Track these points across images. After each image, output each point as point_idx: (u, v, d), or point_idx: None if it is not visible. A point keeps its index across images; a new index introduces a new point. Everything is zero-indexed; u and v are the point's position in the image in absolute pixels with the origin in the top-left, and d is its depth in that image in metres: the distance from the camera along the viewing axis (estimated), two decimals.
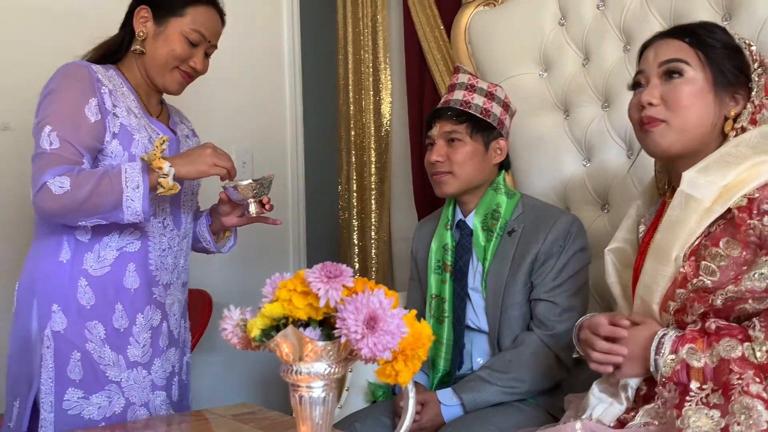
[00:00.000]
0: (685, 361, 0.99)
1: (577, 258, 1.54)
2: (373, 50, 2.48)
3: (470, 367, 1.58)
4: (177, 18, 1.44)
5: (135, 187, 1.29)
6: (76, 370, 1.36)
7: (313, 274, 0.71)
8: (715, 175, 1.07)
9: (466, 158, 1.57)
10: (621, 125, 1.77)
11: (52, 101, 1.35)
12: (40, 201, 1.29)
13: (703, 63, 1.13)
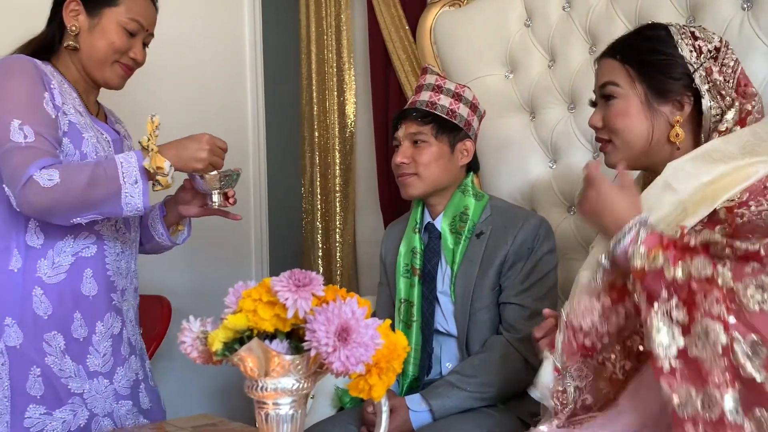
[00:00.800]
0: (662, 270, 0.94)
1: (546, 260, 1.53)
2: (336, 50, 2.44)
3: (439, 371, 1.55)
4: (111, 8, 1.36)
5: (133, 183, 1.21)
6: (36, 386, 1.27)
7: (281, 282, 0.66)
8: (699, 170, 1.05)
9: (431, 160, 1.55)
10: (587, 127, 1.72)
11: (9, 94, 1.25)
12: (28, 196, 1.18)
13: (633, 79, 1.13)
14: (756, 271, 0.90)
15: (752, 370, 0.84)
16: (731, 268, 0.92)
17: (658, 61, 1.13)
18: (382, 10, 2.22)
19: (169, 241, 1.52)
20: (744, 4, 1.52)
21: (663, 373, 0.89)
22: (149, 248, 1.56)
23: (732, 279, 0.91)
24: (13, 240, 1.29)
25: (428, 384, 1.54)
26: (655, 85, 1.12)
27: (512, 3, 1.95)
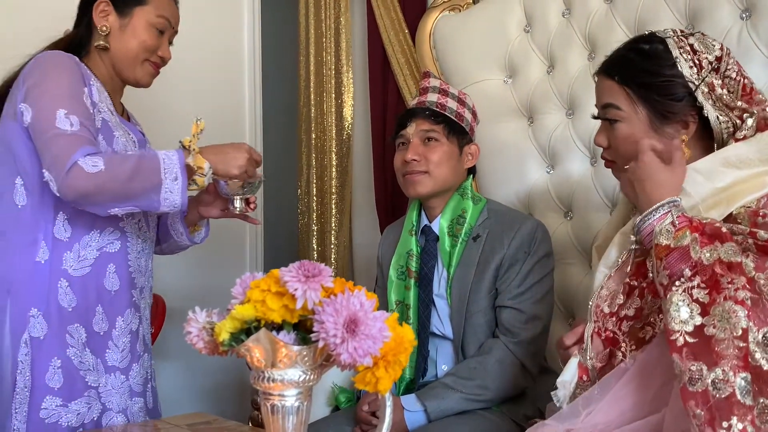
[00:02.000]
0: (688, 249, 0.95)
1: (542, 264, 1.53)
2: (335, 52, 2.44)
3: (435, 374, 1.55)
4: (140, 7, 1.39)
5: (173, 179, 1.22)
6: (55, 378, 1.28)
7: (290, 273, 0.66)
8: (713, 175, 1.05)
9: (443, 158, 1.55)
10: (585, 133, 1.77)
11: (55, 85, 1.26)
12: (72, 180, 1.18)
13: (634, 102, 1.12)
14: None
15: (761, 359, 0.85)
16: (754, 260, 0.93)
17: (659, 83, 1.10)
18: (382, 13, 2.22)
19: (188, 240, 1.54)
20: (743, 13, 1.54)
21: (676, 347, 0.90)
22: (165, 248, 1.58)
23: (753, 269, 0.92)
24: (41, 232, 1.30)
25: (424, 386, 1.53)
26: (657, 107, 1.11)
27: (512, 8, 1.96)
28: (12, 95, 1.32)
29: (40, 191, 1.29)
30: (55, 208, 1.30)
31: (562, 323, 1.78)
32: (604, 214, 1.72)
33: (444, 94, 1.60)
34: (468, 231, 1.55)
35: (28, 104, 1.25)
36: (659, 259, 0.98)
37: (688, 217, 1.01)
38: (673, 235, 0.98)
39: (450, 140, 1.56)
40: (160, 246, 1.57)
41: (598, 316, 1.06)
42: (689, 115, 1.10)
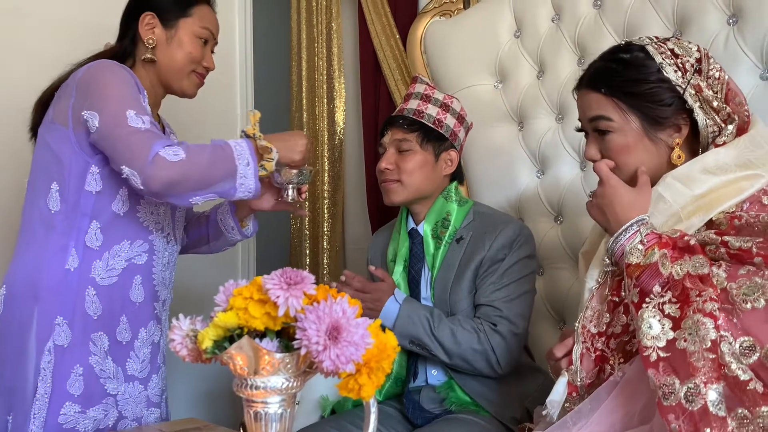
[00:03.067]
0: (657, 266, 0.97)
1: (523, 264, 1.52)
2: (327, 57, 2.45)
3: (425, 379, 1.55)
4: (185, 19, 1.41)
5: (246, 164, 1.26)
6: (76, 385, 1.30)
7: (272, 280, 0.66)
8: (692, 182, 1.06)
9: (415, 167, 1.55)
10: (575, 138, 1.78)
11: (118, 89, 1.29)
12: (157, 170, 1.20)
13: (625, 111, 1.11)
14: (750, 273, 0.91)
15: (737, 369, 0.85)
16: (726, 269, 0.93)
17: (646, 91, 1.10)
18: (373, 19, 2.23)
19: (240, 235, 1.57)
20: (730, 19, 1.55)
21: (650, 363, 0.91)
22: (213, 246, 1.62)
23: (726, 279, 0.92)
24: (73, 239, 1.31)
25: (414, 390, 1.54)
26: (649, 114, 1.10)
27: (502, 14, 1.97)
28: (60, 103, 1.32)
29: (76, 198, 1.30)
30: (91, 216, 1.32)
31: (553, 327, 1.79)
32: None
33: (426, 100, 1.59)
34: (452, 233, 1.56)
35: (94, 111, 1.26)
36: (630, 277, 0.99)
37: (656, 234, 1.02)
38: (642, 253, 0.99)
39: (424, 148, 1.56)
40: (208, 245, 1.62)
41: (585, 337, 1.07)
42: (680, 118, 1.11)
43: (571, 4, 1.82)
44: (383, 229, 1.78)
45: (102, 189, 1.32)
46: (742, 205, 1.02)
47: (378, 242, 1.73)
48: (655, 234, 1.03)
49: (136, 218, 1.36)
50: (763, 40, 1.48)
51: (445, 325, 1.46)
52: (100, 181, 1.31)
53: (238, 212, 1.56)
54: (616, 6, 1.73)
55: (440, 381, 1.54)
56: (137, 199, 1.35)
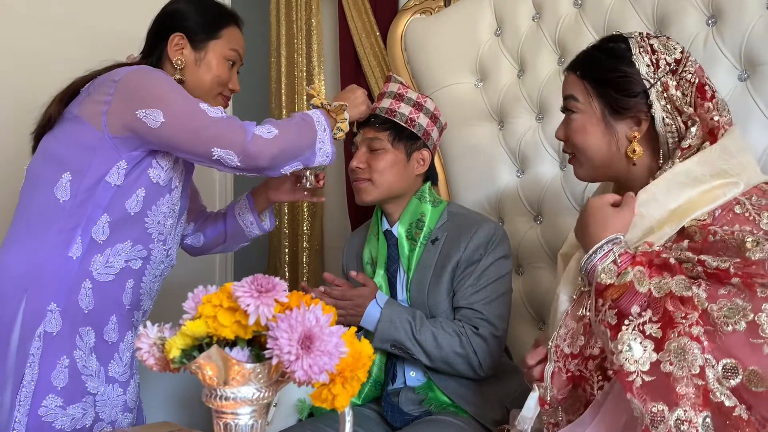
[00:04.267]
0: (633, 285, 0.95)
1: (498, 265, 1.51)
2: (307, 54, 2.42)
3: (403, 381, 1.53)
4: (215, 41, 1.42)
5: (323, 130, 1.36)
6: (60, 377, 1.28)
7: (242, 287, 0.64)
8: (667, 197, 1.05)
9: (385, 166, 1.54)
10: (554, 137, 1.77)
11: (178, 89, 1.31)
12: (258, 148, 1.28)
13: (591, 95, 1.14)
14: (731, 294, 0.90)
15: (721, 395, 0.84)
16: (706, 290, 0.92)
17: (615, 78, 1.12)
18: (354, 15, 2.21)
19: (259, 229, 1.62)
20: (709, 20, 1.55)
21: (635, 388, 0.88)
22: (228, 245, 1.66)
23: (706, 300, 0.91)
24: (81, 227, 1.30)
25: (392, 393, 1.52)
26: (611, 102, 1.13)
27: (483, 12, 1.96)
28: (89, 100, 1.32)
29: (92, 189, 1.30)
30: (105, 208, 1.32)
31: (532, 327, 1.78)
32: (574, 218, 1.69)
33: (399, 99, 1.58)
34: (427, 234, 1.55)
35: (155, 108, 1.27)
36: (603, 298, 0.98)
37: (630, 253, 1.01)
38: (615, 273, 0.98)
39: (396, 147, 1.54)
40: (224, 243, 1.64)
41: (558, 356, 1.05)
42: (642, 112, 1.11)
43: (552, 3, 1.82)
44: (358, 230, 1.76)
45: (122, 184, 1.32)
46: (714, 213, 1.02)
47: (353, 244, 1.71)
48: (629, 253, 1.01)
49: (143, 222, 1.36)
50: (742, 41, 1.49)
51: (427, 329, 1.44)
52: (123, 176, 1.32)
53: (257, 205, 1.61)
54: (597, 5, 1.73)
55: (419, 382, 1.52)
56: (149, 204, 1.36)
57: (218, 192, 2.43)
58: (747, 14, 1.49)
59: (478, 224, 1.52)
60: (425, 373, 1.51)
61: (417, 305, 1.52)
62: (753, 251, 0.93)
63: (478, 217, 1.59)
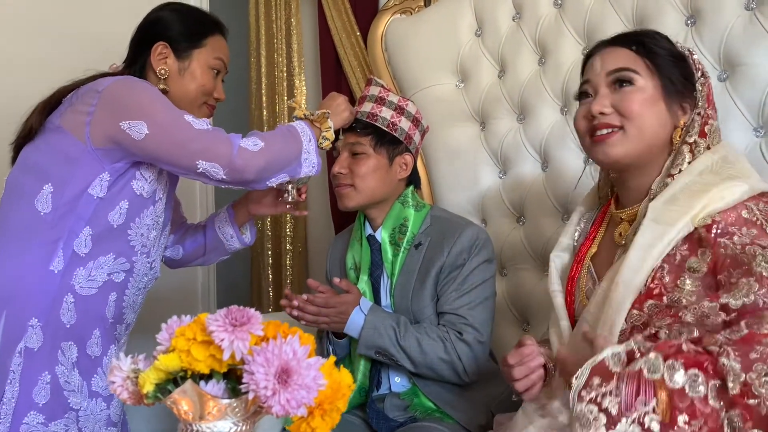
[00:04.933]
0: (644, 377, 0.87)
1: (482, 269, 1.51)
2: (287, 54, 2.40)
3: (388, 387, 1.53)
4: (199, 50, 1.40)
5: (308, 141, 1.36)
6: (42, 394, 1.27)
7: (216, 321, 0.62)
8: (685, 205, 1.04)
9: (368, 171, 1.52)
10: (536, 138, 1.77)
11: (160, 100, 1.29)
12: (244, 161, 1.27)
13: (652, 71, 1.11)
14: (764, 356, 0.84)
15: None
16: (737, 355, 0.85)
17: (674, 62, 1.13)
18: (333, 15, 2.18)
19: (239, 242, 1.60)
20: (688, 20, 1.55)
21: None
22: (209, 258, 1.64)
23: (741, 370, 0.84)
24: (62, 241, 1.28)
25: (377, 399, 1.52)
26: (673, 82, 1.11)
27: (463, 12, 1.95)
28: (71, 111, 1.30)
29: (74, 201, 1.28)
30: (87, 221, 1.30)
31: (516, 328, 1.79)
32: (556, 219, 1.72)
33: (380, 102, 1.56)
34: (410, 239, 1.54)
35: (139, 120, 1.25)
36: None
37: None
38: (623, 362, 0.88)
39: (378, 152, 1.53)
40: (204, 256, 1.63)
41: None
42: (688, 102, 1.12)
43: (532, 3, 1.81)
44: (341, 235, 1.74)
45: (105, 196, 1.30)
46: (721, 215, 1.01)
47: (336, 249, 1.70)
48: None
49: (126, 235, 1.34)
50: (720, 42, 1.49)
51: (412, 335, 1.44)
52: (106, 189, 1.30)
53: (237, 219, 1.59)
54: (577, 6, 1.72)
55: (404, 388, 1.52)
56: (133, 216, 1.34)
57: (199, 203, 2.40)
58: (725, 15, 1.49)
59: (461, 229, 1.52)
60: (410, 379, 1.50)
61: (401, 311, 1.51)
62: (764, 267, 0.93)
63: (461, 221, 1.58)
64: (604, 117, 1.11)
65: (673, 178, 1.09)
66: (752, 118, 1.45)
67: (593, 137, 1.13)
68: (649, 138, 1.11)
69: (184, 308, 2.57)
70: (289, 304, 1.45)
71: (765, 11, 1.44)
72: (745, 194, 1.03)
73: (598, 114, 1.11)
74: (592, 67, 1.17)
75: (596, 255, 1.21)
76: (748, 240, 0.98)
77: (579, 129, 1.17)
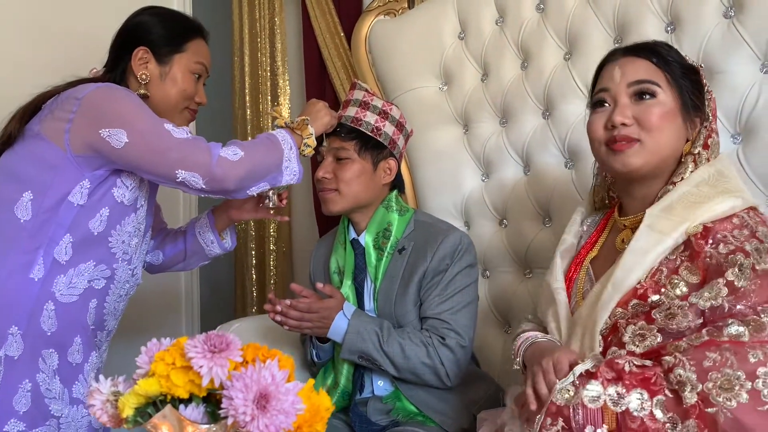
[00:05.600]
0: (585, 406, 0.93)
1: (465, 274, 1.52)
2: (270, 54, 2.39)
3: (371, 390, 1.54)
4: (179, 54, 1.39)
5: (289, 149, 1.35)
6: (23, 402, 1.27)
7: (195, 348, 0.63)
8: (680, 216, 1.07)
9: (352, 176, 1.53)
10: (518, 142, 1.78)
11: (143, 110, 1.30)
12: (223, 171, 1.27)
13: (671, 84, 1.14)
14: (718, 364, 0.89)
15: None
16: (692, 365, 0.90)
17: (692, 77, 1.15)
18: (317, 16, 2.18)
19: (220, 248, 1.59)
20: (668, 26, 1.57)
21: None
22: (189, 263, 1.63)
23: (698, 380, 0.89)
24: (42, 248, 1.28)
25: (360, 403, 1.53)
26: (689, 97, 1.14)
27: (446, 15, 1.95)
28: (51, 118, 1.29)
29: (55, 208, 1.28)
30: (67, 228, 1.29)
31: (498, 331, 1.80)
32: (537, 222, 1.74)
33: (364, 107, 1.57)
34: (394, 244, 1.55)
35: (119, 128, 1.25)
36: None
37: (587, 373, 0.98)
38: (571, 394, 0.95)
39: (362, 157, 1.54)
40: (184, 261, 1.62)
41: None
42: (699, 116, 1.15)
43: (515, 7, 1.82)
44: (325, 238, 1.75)
45: (85, 204, 1.30)
46: (711, 225, 1.04)
47: (320, 253, 1.70)
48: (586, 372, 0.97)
49: (106, 242, 1.34)
50: (699, 49, 1.50)
51: (394, 340, 1.45)
52: (87, 196, 1.30)
53: (217, 224, 1.58)
54: (559, 11, 1.73)
55: (387, 391, 1.53)
56: (114, 224, 1.34)
57: (182, 208, 2.39)
58: (704, 22, 1.51)
59: (443, 234, 1.53)
60: (393, 383, 1.52)
61: (384, 315, 1.52)
62: (739, 278, 0.96)
63: (444, 226, 1.59)
64: (625, 128, 1.12)
65: (674, 185, 1.12)
66: (730, 125, 1.47)
67: (611, 146, 1.14)
68: (666, 150, 1.13)
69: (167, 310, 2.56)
70: (272, 308, 1.45)
71: (743, 19, 1.46)
72: (737, 208, 1.06)
73: (620, 125, 1.12)
74: (610, 77, 1.17)
75: (596, 258, 1.22)
76: (736, 245, 1.00)
77: (595, 137, 1.17)
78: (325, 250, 1.69)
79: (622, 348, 1.01)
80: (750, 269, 0.97)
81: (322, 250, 1.71)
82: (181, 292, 2.39)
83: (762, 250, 1.00)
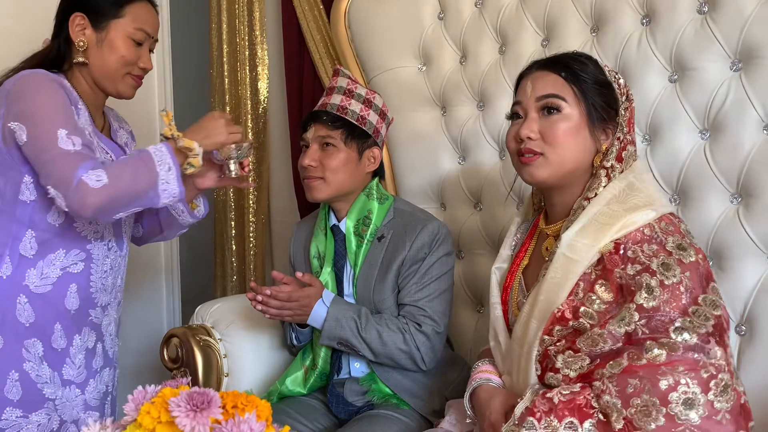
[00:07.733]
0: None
1: (442, 262, 1.57)
2: (248, 22, 2.36)
3: (348, 372, 1.61)
4: (117, 20, 1.35)
5: (167, 170, 1.26)
6: (14, 390, 1.31)
7: (179, 406, 0.68)
8: (592, 238, 1.10)
9: (339, 165, 1.55)
10: (494, 127, 1.81)
11: (49, 106, 1.26)
12: (80, 198, 1.21)
13: (578, 99, 1.16)
14: (638, 390, 0.97)
15: None
16: (617, 392, 0.98)
17: (599, 90, 1.17)
18: None
19: (191, 217, 1.55)
20: (643, 19, 1.58)
21: None
22: (167, 234, 1.60)
23: (622, 406, 0.97)
24: (7, 247, 1.31)
25: (337, 383, 1.60)
26: (597, 109, 1.16)
27: None
28: None
29: (12, 208, 1.30)
30: (27, 225, 1.31)
31: (471, 312, 1.87)
32: (511, 207, 1.78)
33: (349, 95, 1.58)
34: (374, 231, 1.59)
35: (22, 124, 1.24)
36: None
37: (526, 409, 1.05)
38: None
39: (348, 145, 1.56)
40: (162, 233, 1.60)
41: None
42: (610, 127, 1.18)
43: None
44: (304, 221, 1.78)
45: (36, 198, 1.31)
46: (621, 242, 1.08)
47: (300, 237, 1.74)
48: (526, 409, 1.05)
49: (72, 228, 1.35)
50: (673, 44, 1.53)
51: (372, 326, 1.51)
52: (34, 190, 1.30)
53: (186, 194, 1.54)
54: None
55: (363, 373, 1.60)
56: None
57: None
58: (678, 17, 1.52)
59: (422, 224, 1.57)
60: (369, 365, 1.58)
61: (363, 301, 1.58)
62: (648, 300, 1.03)
63: (423, 215, 1.64)
64: (530, 142, 1.17)
65: (589, 201, 1.15)
66: (698, 121, 1.51)
67: (519, 157, 1.20)
68: (571, 163, 1.17)
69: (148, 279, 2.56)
70: (254, 297, 1.50)
71: (715, 17, 1.48)
72: (648, 221, 1.10)
73: (526, 138, 1.17)
74: (523, 90, 1.21)
75: (527, 267, 1.27)
76: (643, 265, 1.05)
77: (509, 148, 1.24)
78: (304, 234, 1.72)
79: (558, 372, 1.08)
80: (659, 287, 1.03)
81: (301, 233, 1.74)
82: (161, 263, 2.42)
83: (670, 263, 1.04)
